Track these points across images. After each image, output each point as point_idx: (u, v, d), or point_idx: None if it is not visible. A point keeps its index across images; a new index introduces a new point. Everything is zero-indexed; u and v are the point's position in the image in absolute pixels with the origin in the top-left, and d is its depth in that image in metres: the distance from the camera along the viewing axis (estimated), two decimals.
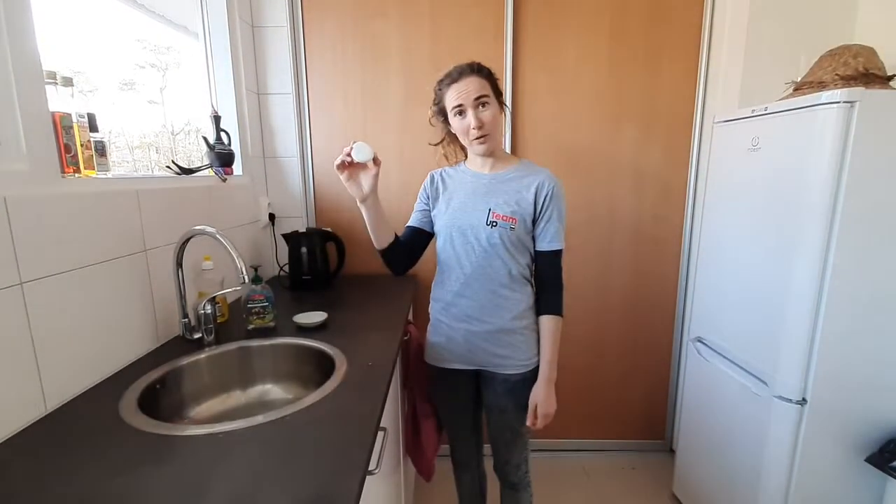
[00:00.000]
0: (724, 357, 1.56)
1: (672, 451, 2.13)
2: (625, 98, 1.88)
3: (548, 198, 1.17)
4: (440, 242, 1.27)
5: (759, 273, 1.40)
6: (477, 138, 1.15)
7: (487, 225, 1.18)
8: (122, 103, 1.45)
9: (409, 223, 1.32)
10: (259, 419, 0.82)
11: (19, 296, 0.80)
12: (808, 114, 1.23)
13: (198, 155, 1.73)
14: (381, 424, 0.88)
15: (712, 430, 1.62)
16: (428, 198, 1.30)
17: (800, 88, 1.43)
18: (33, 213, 0.84)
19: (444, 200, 1.26)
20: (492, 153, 1.21)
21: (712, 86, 1.85)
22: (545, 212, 1.18)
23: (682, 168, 1.94)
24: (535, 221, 1.20)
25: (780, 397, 1.30)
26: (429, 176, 1.32)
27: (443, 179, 1.30)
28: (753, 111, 1.43)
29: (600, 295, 2.05)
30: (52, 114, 0.93)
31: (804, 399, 1.28)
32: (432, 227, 1.30)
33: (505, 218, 1.16)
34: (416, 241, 1.30)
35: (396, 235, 1.26)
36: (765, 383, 1.36)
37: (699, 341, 1.70)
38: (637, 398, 2.13)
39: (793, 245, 1.27)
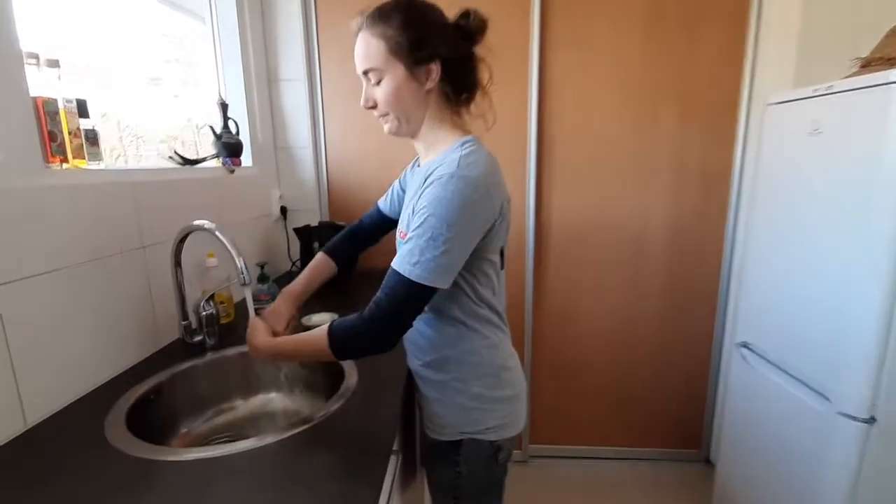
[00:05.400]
0: (775, 365, 1.41)
1: (709, 462, 1.98)
2: (662, 79, 1.72)
3: (424, 194, 0.74)
4: None
5: (820, 272, 1.24)
6: (380, 116, 0.85)
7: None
8: (149, 98, 1.42)
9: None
10: (254, 443, 0.73)
11: None
12: (881, 93, 1.07)
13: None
14: (396, 446, 0.78)
15: (761, 445, 1.47)
16: (402, 192, 1.03)
17: (867, 65, 1.26)
18: (9, 207, 0.76)
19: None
20: (412, 136, 0.86)
21: (762, 63, 1.67)
22: (414, 217, 0.75)
23: (725, 156, 1.77)
24: None
25: (844, 414, 1.15)
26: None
27: (413, 174, 0.96)
28: (815, 90, 1.26)
29: (631, 295, 1.90)
30: (34, 98, 0.85)
31: (872, 418, 1.12)
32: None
33: (402, 234, 0.83)
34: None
35: (335, 261, 1.09)
36: (825, 397, 1.21)
37: (745, 347, 1.54)
38: (671, 404, 1.98)
39: (862, 241, 1.11)
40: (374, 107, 0.83)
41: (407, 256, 0.73)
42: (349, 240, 1.12)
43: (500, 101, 0.88)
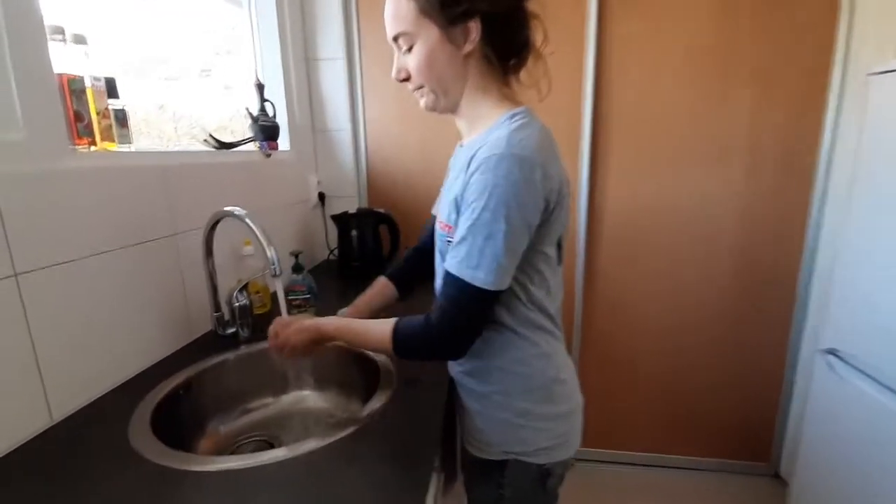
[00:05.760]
0: (870, 377, 1.22)
1: (778, 477, 1.80)
2: (737, 46, 1.51)
3: (471, 182, 0.64)
4: None
5: None
6: (414, 90, 0.75)
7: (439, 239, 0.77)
8: (201, 90, 1.42)
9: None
10: (284, 453, 0.66)
11: (13, 288, 0.68)
12: None
13: None
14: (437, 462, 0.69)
15: (847, 465, 1.29)
16: None
17: None
18: (33, 192, 0.71)
19: None
20: (453, 111, 0.75)
21: (861, 24, 1.43)
22: (463, 209, 0.65)
23: (810, 135, 1.55)
24: None
25: None
26: None
27: (456, 155, 0.83)
28: None
29: (695, 291, 1.72)
30: (59, 76, 0.80)
31: None
32: None
33: (444, 226, 0.73)
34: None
35: (395, 285, 0.98)
36: None
37: (832, 354, 1.35)
38: (736, 412, 1.80)
39: None
40: (408, 78, 0.73)
41: (465, 260, 0.64)
42: (409, 262, 1.01)
43: (551, 72, 0.75)
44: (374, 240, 1.62)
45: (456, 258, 0.65)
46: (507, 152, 0.61)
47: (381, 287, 0.98)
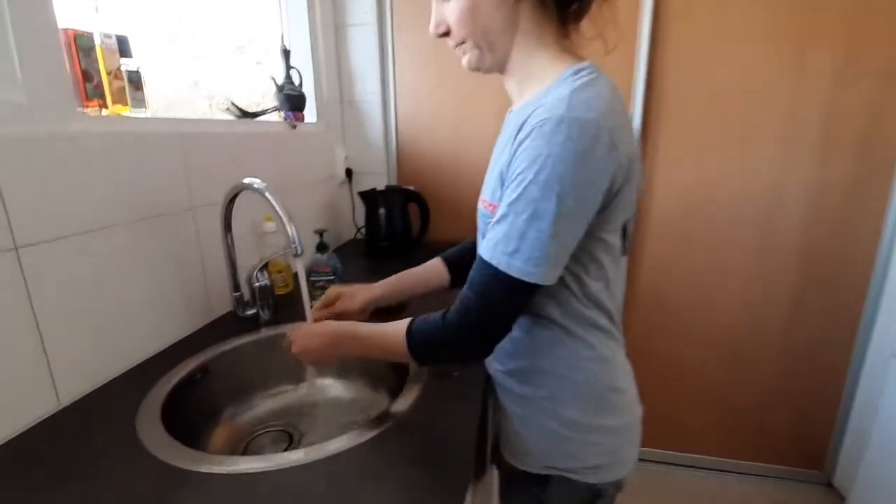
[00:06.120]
0: None
1: (831, 486, 1.66)
2: (822, 11, 1.33)
3: (520, 150, 0.53)
4: None
5: None
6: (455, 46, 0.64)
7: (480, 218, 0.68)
8: (234, 66, 1.36)
9: None
10: (300, 456, 0.58)
11: (13, 262, 0.62)
12: None
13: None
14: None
15: None
16: None
17: None
18: (35, 157, 0.65)
19: None
20: (500, 70, 0.64)
21: None
22: (507, 181, 0.55)
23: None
24: None
25: None
26: None
27: (505, 123, 0.70)
28: None
29: (750, 285, 1.57)
30: (64, 30, 0.73)
31: None
32: None
33: (487, 205, 0.63)
34: None
35: (449, 270, 0.86)
36: None
37: None
38: (790, 416, 1.66)
39: None
40: (447, 33, 0.62)
41: (502, 243, 0.53)
42: (469, 250, 0.89)
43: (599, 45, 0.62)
44: (403, 219, 1.53)
45: (490, 240, 0.55)
46: (567, 115, 0.50)
47: (433, 267, 0.86)
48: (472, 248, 0.87)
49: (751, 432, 1.71)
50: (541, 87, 0.59)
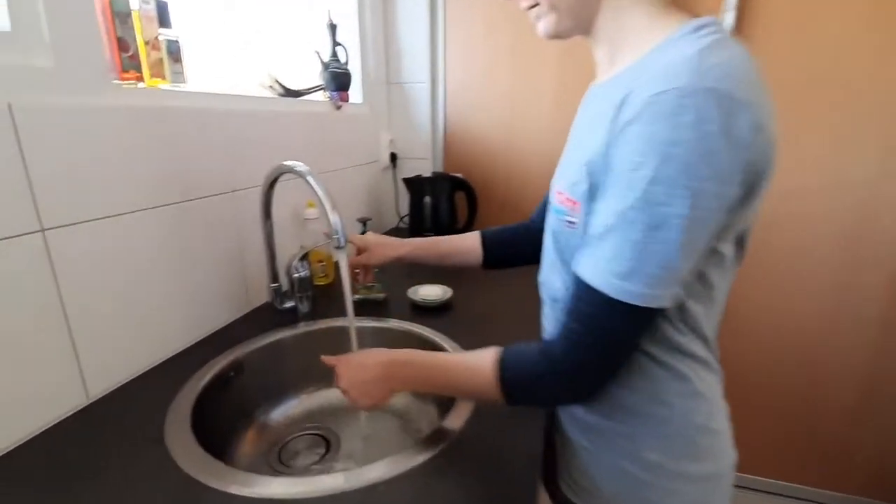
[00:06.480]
0: None
1: None
2: None
3: (625, 136, 0.42)
4: None
5: None
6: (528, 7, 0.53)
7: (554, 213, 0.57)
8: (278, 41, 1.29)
9: None
10: (341, 483, 0.51)
11: (40, 245, 0.57)
12: None
13: None
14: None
15: None
16: None
17: None
18: (63, 130, 0.59)
19: None
20: (585, 32, 0.52)
21: None
22: (610, 180, 0.44)
23: None
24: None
25: None
26: None
27: (591, 96, 0.59)
28: None
29: (834, 298, 1.39)
30: None
31: None
32: None
33: (564, 200, 0.52)
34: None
35: (485, 246, 0.81)
36: None
37: None
38: (875, 443, 1.47)
39: None
40: None
41: (613, 262, 0.42)
42: (513, 233, 0.82)
43: None
44: (450, 208, 1.44)
45: (596, 260, 0.44)
46: (698, 85, 0.38)
47: (468, 238, 0.82)
48: (518, 231, 0.81)
49: (830, 458, 1.53)
50: (642, 50, 0.47)
